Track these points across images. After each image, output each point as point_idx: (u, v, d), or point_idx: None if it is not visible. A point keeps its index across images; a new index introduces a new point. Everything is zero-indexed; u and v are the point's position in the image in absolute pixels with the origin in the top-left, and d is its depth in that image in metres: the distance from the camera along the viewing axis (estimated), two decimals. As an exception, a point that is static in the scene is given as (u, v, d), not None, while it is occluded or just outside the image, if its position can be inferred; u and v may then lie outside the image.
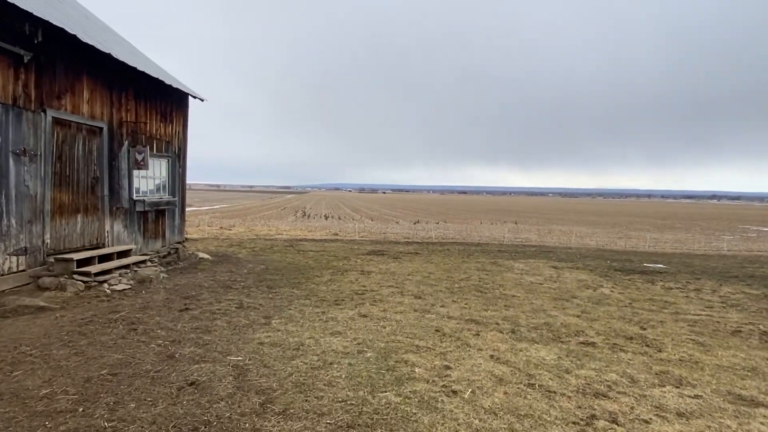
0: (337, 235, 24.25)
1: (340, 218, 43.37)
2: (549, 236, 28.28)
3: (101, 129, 8.81)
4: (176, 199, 11.72)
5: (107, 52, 8.16)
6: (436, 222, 39.99)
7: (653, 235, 32.96)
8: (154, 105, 10.56)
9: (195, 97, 12.18)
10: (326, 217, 44.45)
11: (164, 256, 11.20)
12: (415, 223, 37.07)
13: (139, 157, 9.43)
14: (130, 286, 7.89)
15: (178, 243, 12.06)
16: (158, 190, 11.14)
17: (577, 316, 7.25)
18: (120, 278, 8.00)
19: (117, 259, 8.62)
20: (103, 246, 8.86)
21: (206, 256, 12.51)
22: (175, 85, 10.72)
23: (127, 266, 8.58)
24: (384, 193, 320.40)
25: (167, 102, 11.16)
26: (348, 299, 7.67)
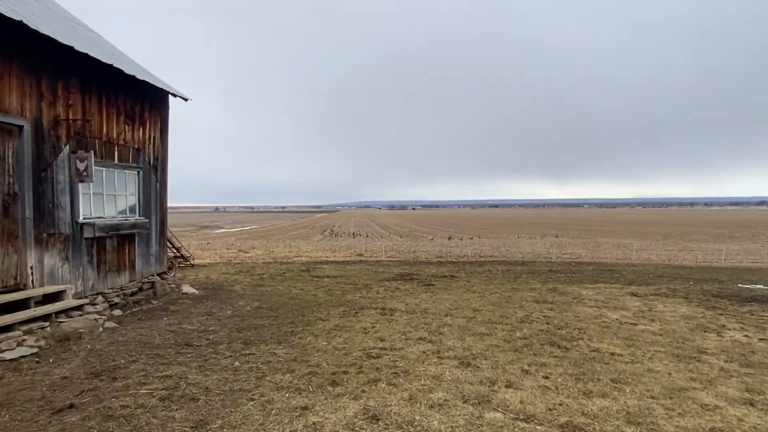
0: (361, 255, 21.41)
1: (367, 236, 40.60)
2: (600, 251, 24.51)
3: (21, 128, 6.33)
4: (149, 220, 9.17)
5: (17, 19, 5.71)
6: (470, 238, 36.63)
7: (715, 245, 28.53)
8: (113, 101, 8.10)
9: (176, 96, 9.73)
10: (354, 235, 41.80)
11: (132, 294, 8.61)
12: (448, 239, 33.85)
13: (81, 166, 6.92)
14: (36, 350, 5.23)
15: (157, 275, 9.48)
16: (124, 209, 8.62)
17: (749, 403, 4.04)
18: (24, 337, 5.36)
19: (35, 306, 6.02)
20: (25, 287, 6.29)
21: (192, 290, 9.86)
22: (140, 77, 8.24)
23: (47, 316, 5.96)
24: (414, 209, 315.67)
25: (135, 99, 8.71)
26: (353, 370, 4.72)
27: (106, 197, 8.08)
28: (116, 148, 8.22)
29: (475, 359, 5.10)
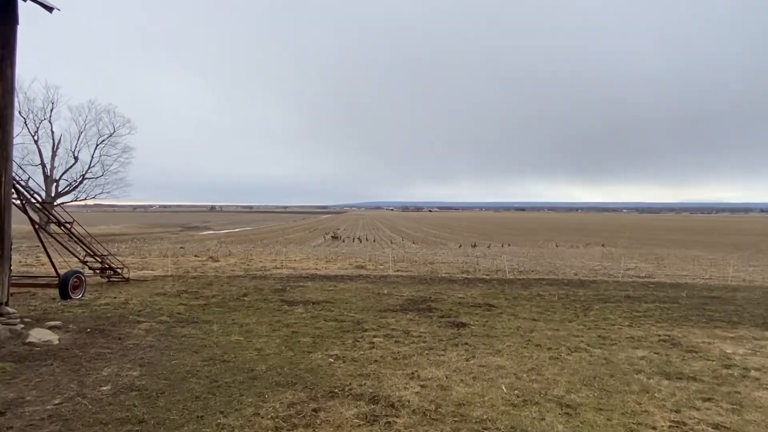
0: (362, 267, 17.49)
1: (375, 241, 36.78)
2: (668, 266, 20.17)
3: None
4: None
5: None
6: (500, 245, 32.56)
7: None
8: None
9: None
10: (360, 240, 38.03)
11: None
12: (473, 247, 29.86)
13: None
14: None
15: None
16: None
17: None
18: None
19: None
20: None
21: (49, 336, 6.12)
22: None
23: None
24: (430, 211, 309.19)
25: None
26: None
27: None
28: None
29: None
